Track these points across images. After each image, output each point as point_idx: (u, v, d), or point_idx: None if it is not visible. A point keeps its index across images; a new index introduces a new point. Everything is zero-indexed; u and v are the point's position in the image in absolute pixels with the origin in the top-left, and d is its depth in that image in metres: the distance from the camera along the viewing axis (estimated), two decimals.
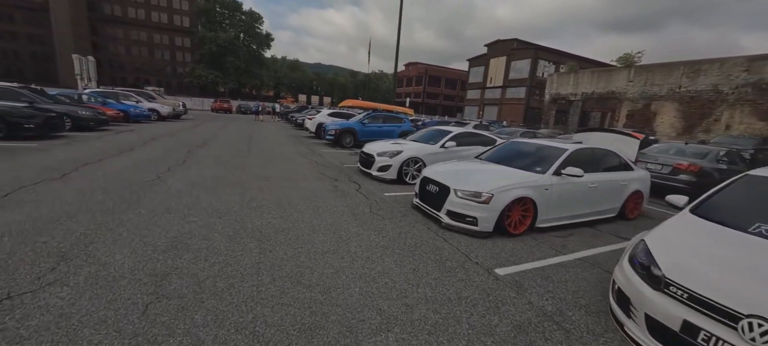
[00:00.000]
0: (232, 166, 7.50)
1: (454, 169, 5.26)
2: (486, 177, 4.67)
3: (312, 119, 15.39)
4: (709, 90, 25.41)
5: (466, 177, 4.81)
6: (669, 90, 27.74)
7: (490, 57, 47.72)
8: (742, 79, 23.83)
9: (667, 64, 28.18)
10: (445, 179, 4.77)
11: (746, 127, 23.83)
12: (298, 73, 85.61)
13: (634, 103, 30.12)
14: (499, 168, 5.09)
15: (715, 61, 25.52)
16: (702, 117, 25.95)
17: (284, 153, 10.29)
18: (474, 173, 5.05)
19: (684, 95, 26.81)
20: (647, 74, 29.14)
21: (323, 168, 8.29)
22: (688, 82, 26.62)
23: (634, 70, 30.07)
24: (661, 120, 28.35)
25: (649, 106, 29.21)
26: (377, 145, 7.89)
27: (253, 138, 13.72)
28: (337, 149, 12.25)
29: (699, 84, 25.93)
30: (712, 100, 25.30)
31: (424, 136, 8.38)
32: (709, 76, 25.56)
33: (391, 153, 7.12)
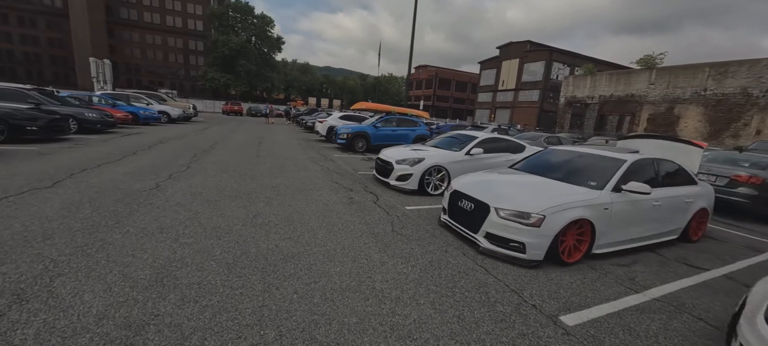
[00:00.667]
0: (239, 174, 6.89)
1: (488, 182, 4.52)
2: (531, 193, 3.91)
3: (323, 122, 14.80)
4: (738, 93, 24.01)
5: (507, 192, 4.07)
6: (693, 93, 26.37)
7: (502, 59, 46.67)
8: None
9: (691, 66, 26.81)
10: (482, 194, 4.02)
11: None
12: (308, 76, 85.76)
13: (655, 107, 28.78)
14: (544, 182, 4.33)
15: (744, 62, 24.10)
16: (729, 121, 24.54)
17: (295, 158, 9.68)
18: (515, 187, 4.30)
19: (710, 98, 25.42)
20: (670, 76, 27.79)
21: (336, 176, 7.63)
22: (714, 84, 25.24)
23: (655, 72, 28.73)
24: (684, 124, 26.98)
25: (672, 110, 27.85)
26: (395, 151, 7.19)
27: (262, 142, 13.18)
28: (350, 154, 11.60)
29: (726, 87, 24.54)
30: (741, 104, 23.89)
31: (445, 141, 7.65)
32: (737, 79, 24.16)
33: (411, 161, 6.40)
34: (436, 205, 5.76)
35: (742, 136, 23.78)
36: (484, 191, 4.12)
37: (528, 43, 43.59)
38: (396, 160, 6.60)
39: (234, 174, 6.83)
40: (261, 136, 15.72)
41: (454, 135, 7.90)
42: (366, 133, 12.10)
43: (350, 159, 10.43)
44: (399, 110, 13.15)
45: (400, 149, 7.32)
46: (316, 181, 6.90)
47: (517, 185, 4.40)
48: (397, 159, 6.61)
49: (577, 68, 41.14)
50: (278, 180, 6.64)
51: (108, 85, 30.66)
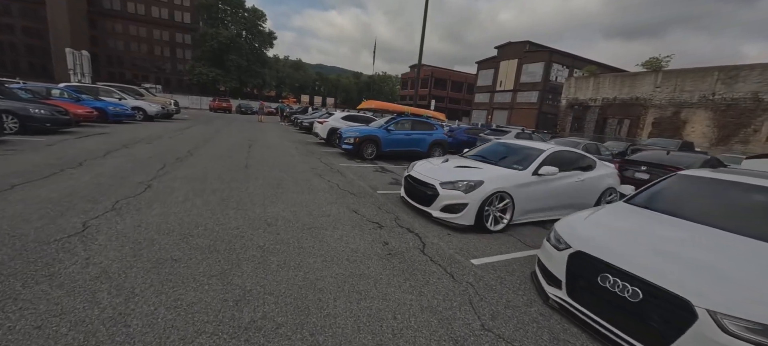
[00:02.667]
0: (219, 199, 4.83)
1: (661, 236, 2.68)
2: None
3: (323, 123, 12.74)
4: (748, 98, 22.96)
5: (724, 263, 2.21)
6: (701, 97, 25.28)
7: (500, 60, 45.23)
8: None
9: (700, 70, 25.72)
10: (677, 270, 2.16)
11: None
12: (300, 73, 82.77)
13: (661, 111, 27.68)
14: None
15: (755, 66, 23.05)
16: (739, 127, 23.49)
17: (294, 169, 7.63)
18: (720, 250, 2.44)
19: (719, 103, 24.35)
20: (677, 80, 26.67)
21: (352, 198, 5.65)
22: (723, 88, 24.15)
23: (661, 74, 27.59)
24: (691, 129, 25.92)
25: (679, 114, 26.76)
26: (433, 168, 5.26)
27: (253, 146, 11.03)
28: (358, 162, 9.60)
29: (736, 91, 23.47)
30: (752, 109, 22.85)
31: (492, 152, 5.76)
32: (748, 83, 23.09)
33: (464, 185, 4.48)
34: (512, 253, 3.87)
35: (752, 142, 22.79)
36: (672, 263, 2.23)
37: (527, 43, 42.21)
38: (441, 182, 4.67)
39: (211, 199, 4.77)
40: (251, 137, 13.53)
41: (501, 144, 6.02)
42: (376, 137, 10.13)
43: (361, 170, 8.44)
44: (413, 111, 11.21)
45: (439, 165, 5.39)
46: (328, 208, 4.90)
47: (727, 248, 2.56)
48: (442, 181, 4.68)
49: (576, 70, 40.02)
50: (275, 209, 4.62)
51: (86, 77, 27.84)
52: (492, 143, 6.26)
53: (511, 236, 4.52)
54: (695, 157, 7.99)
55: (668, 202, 3.36)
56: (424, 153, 10.86)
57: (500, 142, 6.21)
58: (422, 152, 10.84)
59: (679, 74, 26.56)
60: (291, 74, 79.05)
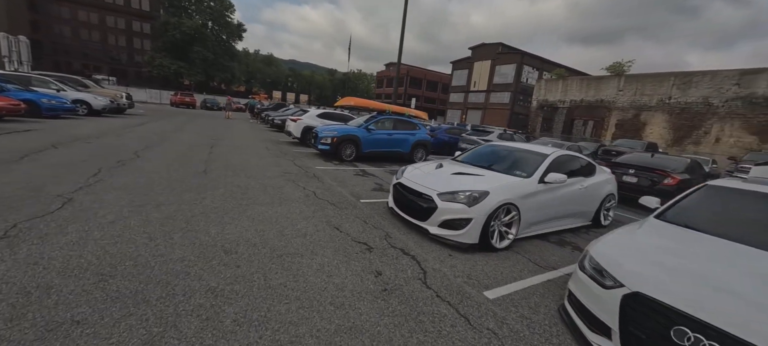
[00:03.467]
0: (164, 218, 3.79)
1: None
2: None
3: (297, 121, 11.66)
4: (700, 102, 24.58)
5: None
6: (659, 100, 26.78)
7: (474, 60, 45.80)
8: (733, 92, 23.09)
9: (658, 75, 27.27)
10: None
11: (736, 141, 23.15)
12: (272, 68, 79.33)
13: (623, 113, 29.08)
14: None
15: (706, 73, 24.71)
16: (692, 129, 25.12)
17: (263, 175, 6.62)
18: None
19: (674, 106, 25.90)
20: (637, 84, 28.11)
21: (332, 210, 4.80)
22: (678, 93, 25.70)
23: (624, 79, 28.97)
24: (650, 130, 27.42)
25: (639, 116, 28.23)
26: (427, 174, 4.55)
27: (216, 146, 9.77)
28: (335, 164, 8.71)
29: (690, 96, 25.05)
30: (703, 113, 24.48)
31: (487, 156, 5.15)
32: (700, 89, 24.71)
33: (468, 196, 3.79)
34: (527, 278, 3.24)
35: (703, 144, 24.46)
36: None
37: (500, 45, 43.02)
38: (439, 193, 3.95)
39: (153, 216, 3.73)
40: (216, 136, 12.15)
41: (496, 147, 5.43)
42: (356, 137, 9.28)
43: (340, 174, 7.57)
44: (394, 109, 10.47)
45: (433, 171, 4.68)
46: (304, 225, 4.03)
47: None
48: (440, 191, 3.97)
49: (545, 73, 41.36)
50: (237, 228, 3.68)
51: (25, 66, 24.54)
52: (486, 146, 5.66)
53: (517, 254, 3.92)
54: (678, 160, 7.95)
55: (709, 219, 2.88)
56: (407, 154, 10.18)
57: (494, 145, 5.62)
58: (405, 153, 10.15)
59: (640, 79, 28.01)
60: (262, 69, 75.46)
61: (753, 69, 23.00)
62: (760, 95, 21.98)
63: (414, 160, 10.34)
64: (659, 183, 7.12)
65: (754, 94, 22.11)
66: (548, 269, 3.62)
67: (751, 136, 22.39)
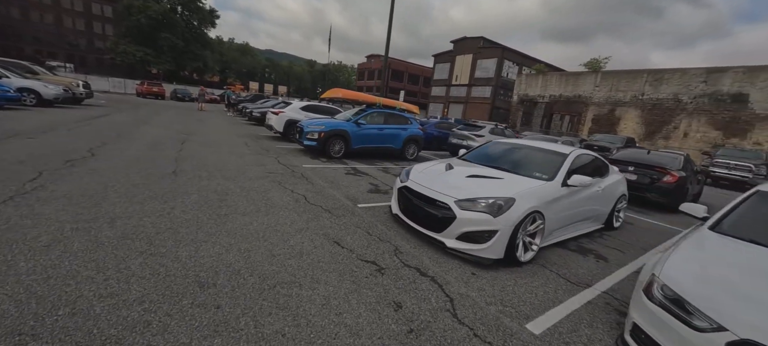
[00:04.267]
0: (118, 238, 2.99)
1: None
2: None
3: (278, 114, 10.74)
4: (670, 99, 25.59)
5: None
6: (633, 96, 27.69)
7: (456, 54, 45.71)
8: (700, 89, 24.17)
9: (632, 72, 28.13)
10: None
11: (702, 136, 24.34)
12: (248, 58, 75.76)
13: (599, 108, 29.91)
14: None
15: (676, 70, 25.69)
16: (662, 124, 26.17)
17: (244, 176, 5.81)
18: None
19: (646, 102, 26.86)
20: (613, 80, 28.94)
21: (328, 218, 4.13)
22: (650, 89, 26.65)
23: (600, 75, 29.76)
24: (624, 125, 28.36)
25: (614, 112, 29.13)
26: (437, 178, 3.98)
27: (187, 142, 8.74)
28: (324, 162, 7.98)
29: (661, 92, 26.03)
30: (672, 109, 25.54)
31: (499, 156, 4.66)
32: (670, 85, 25.71)
33: (491, 204, 3.26)
34: (565, 300, 2.76)
35: (672, 138, 25.58)
36: None
37: (481, 39, 43.10)
38: (457, 200, 3.39)
39: (104, 236, 2.93)
40: (187, 130, 11.00)
41: (508, 146, 4.95)
42: (345, 132, 8.57)
43: (330, 173, 6.87)
44: (385, 102, 9.81)
45: (444, 173, 4.12)
46: (298, 241, 3.35)
47: None
48: (458, 198, 3.41)
49: (525, 68, 41.93)
50: (214, 249, 2.94)
51: None
52: (495, 144, 5.17)
53: (543, 268, 3.46)
54: (675, 156, 7.87)
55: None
56: (398, 150, 9.60)
57: (504, 142, 5.14)
58: (396, 149, 9.56)
59: (615, 75, 28.82)
60: (237, 59, 71.83)
61: (719, 67, 24.14)
62: (725, 92, 23.11)
63: (405, 156, 9.78)
64: (659, 180, 6.97)
65: (720, 91, 23.23)
66: (582, 286, 3.18)
67: (716, 132, 23.58)
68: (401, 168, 8.34)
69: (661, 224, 6.01)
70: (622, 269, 3.74)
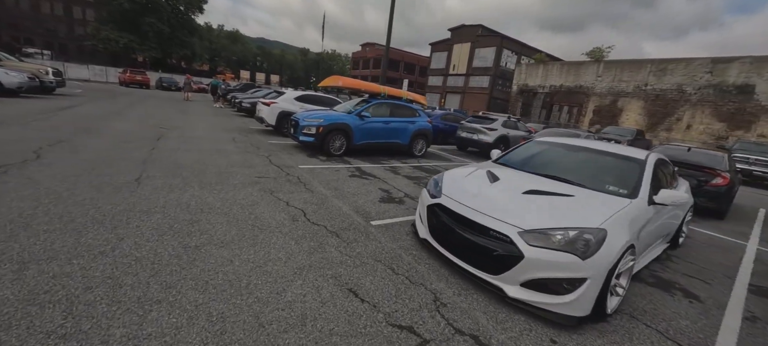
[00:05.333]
0: (27, 294, 1.92)
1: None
2: None
3: (270, 105, 9.55)
4: (674, 89, 24.91)
5: None
6: (636, 87, 26.96)
7: (453, 42, 44.36)
8: (706, 80, 23.50)
9: (636, 61, 27.33)
10: None
11: (705, 128, 23.80)
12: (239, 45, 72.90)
13: (601, 99, 29.16)
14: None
15: (681, 60, 24.95)
16: (665, 116, 25.55)
17: (227, 184, 4.71)
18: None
19: (650, 93, 26.15)
20: (616, 70, 28.13)
21: (336, 245, 3.09)
22: (654, 80, 25.92)
23: (603, 64, 28.90)
24: (626, 117, 27.71)
25: (616, 103, 28.42)
26: (482, 193, 2.95)
27: (164, 138, 7.56)
28: (322, 160, 6.91)
29: (665, 83, 25.31)
30: (676, 100, 24.88)
31: (548, 161, 3.67)
32: (674, 76, 24.99)
33: (576, 238, 2.26)
34: None
35: (674, 130, 25.01)
36: None
37: (480, 27, 41.76)
38: (522, 229, 2.37)
39: (1, 298, 1.87)
40: (167, 123, 9.75)
41: (552, 146, 3.96)
42: (346, 126, 7.48)
43: (331, 176, 5.79)
44: (391, 92, 8.69)
45: (489, 186, 3.10)
46: (299, 293, 2.31)
47: None
48: (523, 227, 2.38)
49: (524, 57, 40.92)
50: (171, 317, 1.90)
51: None
52: (538, 144, 4.15)
53: (634, 320, 2.51)
54: (718, 155, 6.98)
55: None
56: (405, 146, 8.55)
57: (550, 142, 4.12)
58: (403, 145, 8.51)
59: (618, 65, 28.00)
60: (227, 46, 68.98)
61: (726, 57, 23.46)
62: (731, 83, 22.46)
63: (413, 153, 8.74)
64: (707, 183, 6.09)
65: (725, 82, 22.58)
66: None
67: (719, 123, 23.02)
68: (411, 167, 7.31)
69: (718, 236, 5.13)
70: (727, 313, 2.82)
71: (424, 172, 7.09)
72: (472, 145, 10.85)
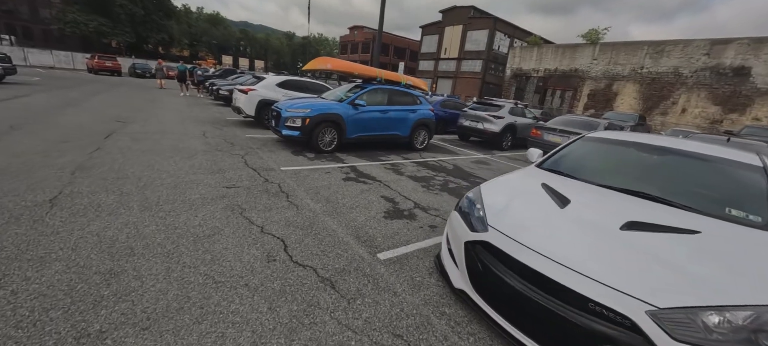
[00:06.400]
0: None
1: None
2: None
3: (248, 92, 8.23)
4: (670, 72, 24.36)
5: None
6: (631, 70, 26.33)
7: (445, 25, 42.78)
8: (702, 62, 22.97)
9: (632, 43, 26.60)
10: None
11: (700, 112, 23.43)
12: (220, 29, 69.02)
13: (596, 83, 28.50)
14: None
15: (678, 42, 24.29)
16: (660, 99, 25.09)
17: (182, 200, 3.54)
18: None
19: (646, 76, 25.56)
20: (612, 53, 27.38)
21: (335, 311, 2.04)
22: (650, 62, 25.28)
23: (599, 47, 28.08)
24: (621, 101, 27.20)
25: (611, 86, 27.82)
26: (548, 218, 1.92)
27: (118, 133, 6.24)
28: (310, 159, 5.76)
29: (661, 66, 24.72)
30: (672, 83, 24.37)
31: (625, 171, 2.67)
32: (671, 58, 24.39)
33: (746, 329, 1.27)
34: None
35: (669, 114, 24.60)
36: None
37: (472, 8, 40.21)
38: (654, 308, 1.37)
39: None
40: (127, 115, 8.34)
41: (627, 147, 2.95)
42: (338, 117, 6.30)
43: (321, 180, 4.67)
44: (388, 76, 7.50)
45: (558, 213, 2.06)
46: None
47: None
48: (660, 305, 1.38)
49: (517, 40, 39.81)
50: None
51: None
52: (593, 143, 3.11)
53: None
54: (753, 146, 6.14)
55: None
56: (405, 138, 7.45)
57: (620, 140, 3.07)
58: (402, 137, 7.41)
59: (614, 47, 27.25)
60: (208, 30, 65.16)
61: (723, 39, 22.92)
62: (727, 65, 22.00)
63: (414, 145, 7.64)
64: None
65: (722, 64, 22.10)
66: None
67: (715, 107, 22.67)
68: (415, 164, 6.21)
69: None
70: None
71: (430, 169, 6.03)
72: (475, 135, 9.83)
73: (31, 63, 26.25)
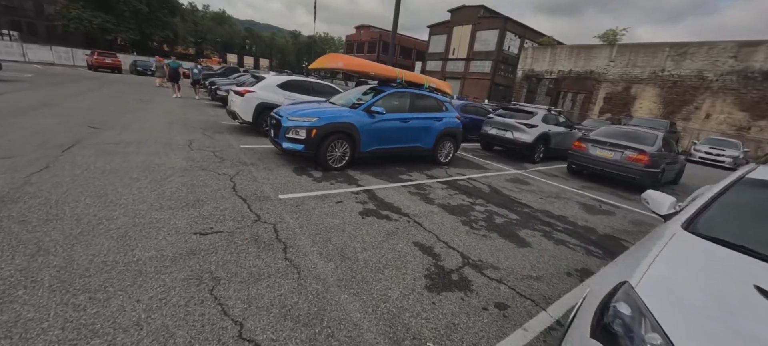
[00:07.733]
0: None
1: None
2: None
3: (245, 95, 7.06)
4: (694, 76, 22.86)
5: None
6: (651, 73, 24.84)
7: (453, 25, 41.41)
8: (729, 66, 21.46)
9: (652, 45, 25.10)
10: None
11: (726, 117, 21.96)
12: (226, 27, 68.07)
13: (613, 85, 27.05)
14: None
15: (703, 44, 22.78)
16: (683, 104, 23.59)
17: (130, 261, 2.38)
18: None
19: (667, 79, 24.07)
20: (630, 55, 25.90)
21: None
22: (672, 65, 23.77)
23: (616, 48, 26.62)
24: (639, 105, 25.73)
25: (629, 90, 26.35)
26: None
27: (83, 142, 5.10)
28: (315, 182, 4.59)
29: (683, 69, 23.22)
30: (696, 87, 22.87)
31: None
32: (695, 61, 22.88)
33: None
34: None
35: (692, 120, 23.15)
36: None
37: (481, 8, 38.80)
38: None
39: None
40: (105, 118, 7.22)
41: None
42: (350, 126, 5.11)
43: (330, 216, 3.49)
44: (410, 78, 6.27)
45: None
46: None
47: None
48: None
49: (528, 41, 38.37)
50: None
51: None
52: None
53: None
54: None
55: None
56: (428, 151, 6.25)
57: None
58: (425, 150, 6.21)
59: (633, 49, 25.81)
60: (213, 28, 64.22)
61: (753, 41, 21.39)
62: (757, 69, 20.50)
63: (438, 159, 6.44)
64: None
65: (751, 68, 20.62)
66: None
67: (742, 113, 21.21)
68: (442, 186, 4.99)
69: None
70: None
71: (463, 194, 4.83)
72: (502, 145, 8.62)
73: (30, 59, 25.40)
